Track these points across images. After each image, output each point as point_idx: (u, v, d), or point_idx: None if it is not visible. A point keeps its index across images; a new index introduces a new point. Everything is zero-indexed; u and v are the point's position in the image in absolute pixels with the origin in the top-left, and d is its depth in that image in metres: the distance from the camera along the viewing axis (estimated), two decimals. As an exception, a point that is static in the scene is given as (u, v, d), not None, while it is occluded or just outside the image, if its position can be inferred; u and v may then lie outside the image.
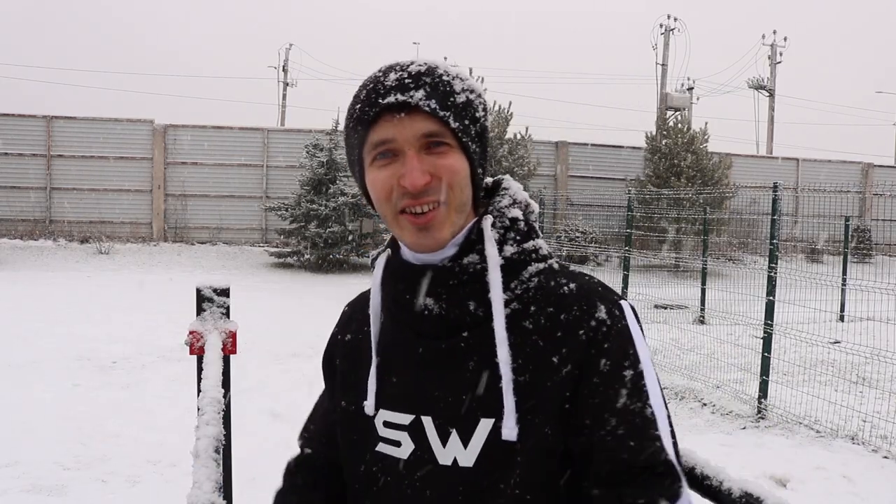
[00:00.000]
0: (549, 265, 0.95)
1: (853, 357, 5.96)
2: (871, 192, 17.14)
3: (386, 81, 0.88)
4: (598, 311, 0.88)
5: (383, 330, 0.98)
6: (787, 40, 30.00)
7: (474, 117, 0.91)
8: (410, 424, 0.93)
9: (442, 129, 0.88)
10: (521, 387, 0.86)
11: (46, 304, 9.95)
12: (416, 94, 0.87)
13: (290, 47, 34.86)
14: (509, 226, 0.94)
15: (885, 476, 4.35)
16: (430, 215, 0.88)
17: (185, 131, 17.41)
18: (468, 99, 0.91)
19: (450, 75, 0.90)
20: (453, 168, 0.88)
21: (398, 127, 0.87)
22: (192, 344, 2.48)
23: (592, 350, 0.86)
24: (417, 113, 0.87)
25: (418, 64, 0.90)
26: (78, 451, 4.35)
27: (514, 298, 0.91)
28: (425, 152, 0.88)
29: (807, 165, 20.70)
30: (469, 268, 0.91)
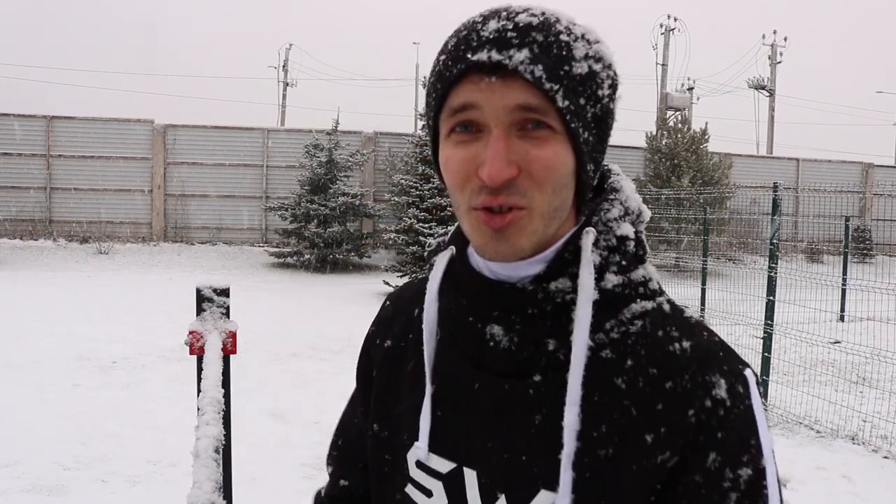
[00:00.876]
0: (658, 305, 0.73)
1: (853, 357, 5.96)
2: (871, 192, 17.14)
3: (483, 31, 0.66)
4: (716, 388, 0.67)
5: (437, 351, 0.78)
6: (787, 40, 30.04)
7: (595, 95, 0.68)
8: (449, 474, 0.75)
9: (545, 105, 0.65)
10: (594, 460, 0.67)
11: (46, 304, 9.94)
12: (517, 53, 0.65)
13: (290, 47, 34.90)
14: (616, 246, 0.72)
15: (886, 476, 4.35)
16: (510, 217, 0.67)
17: (185, 131, 17.41)
18: (591, 70, 0.68)
19: (572, 34, 0.68)
20: (551, 162, 0.66)
21: (486, 93, 0.66)
22: (192, 344, 2.49)
23: (702, 438, 0.66)
24: (515, 80, 0.65)
25: (532, 12, 0.67)
26: (78, 451, 4.35)
27: (607, 343, 0.70)
28: (518, 134, 0.67)
29: (807, 165, 20.70)
30: (556, 296, 0.70)
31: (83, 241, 16.45)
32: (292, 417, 5.16)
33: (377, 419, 0.84)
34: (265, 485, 3.91)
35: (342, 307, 10.61)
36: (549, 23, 0.67)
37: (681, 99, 24.47)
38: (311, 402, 5.48)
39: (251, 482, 3.82)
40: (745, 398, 0.68)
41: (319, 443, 4.59)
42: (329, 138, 15.80)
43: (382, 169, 17.20)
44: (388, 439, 0.82)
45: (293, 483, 3.94)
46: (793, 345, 6.72)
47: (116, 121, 17.23)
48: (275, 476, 4.04)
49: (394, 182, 15.25)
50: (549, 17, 0.68)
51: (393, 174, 15.72)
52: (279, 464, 4.21)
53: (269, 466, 4.15)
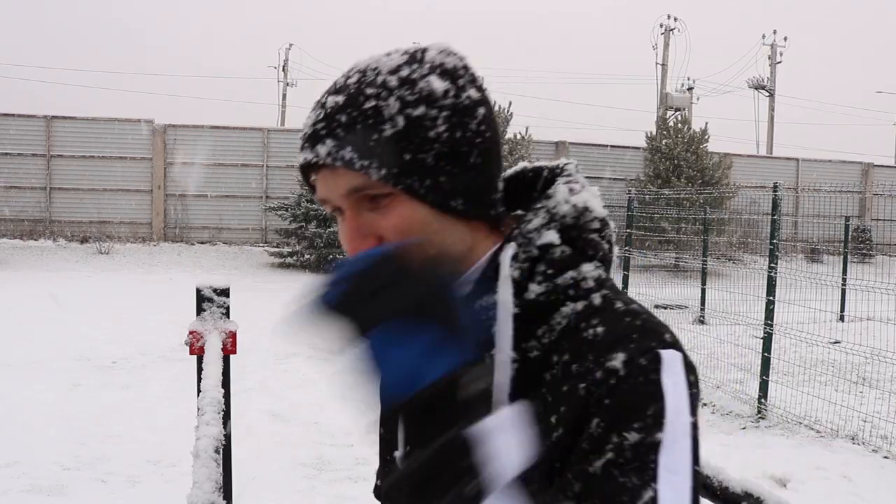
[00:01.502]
0: (589, 302, 0.71)
1: (853, 357, 5.96)
2: (871, 191, 17.14)
3: (306, 125, 0.72)
4: (611, 360, 0.65)
5: None
6: (787, 40, 30.05)
7: (425, 140, 0.68)
8: None
9: (370, 182, 0.68)
10: None
11: (46, 304, 9.94)
12: (321, 147, 0.68)
13: (290, 47, 34.91)
14: (538, 256, 0.71)
15: (886, 476, 4.35)
16: None
17: (185, 131, 17.41)
18: (411, 119, 0.68)
19: (385, 91, 0.68)
20: (398, 226, 0.69)
21: (324, 186, 0.71)
22: (192, 344, 2.49)
23: (591, 408, 0.64)
24: (338, 168, 0.68)
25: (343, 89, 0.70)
26: (78, 451, 4.35)
27: (538, 348, 0.70)
28: (368, 206, 0.70)
29: (807, 165, 20.71)
30: (482, 314, 0.70)
31: (83, 241, 16.45)
32: (292, 417, 5.17)
33: (382, 421, 0.86)
34: (265, 485, 3.91)
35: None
36: (358, 92, 0.68)
37: (681, 99, 24.48)
38: (311, 402, 5.48)
39: (251, 482, 3.82)
40: (650, 372, 0.64)
41: (319, 443, 4.60)
42: (329, 138, 15.79)
43: (382, 169, 17.20)
44: (390, 441, 0.83)
45: (293, 483, 3.95)
46: (793, 345, 6.72)
47: (116, 121, 17.23)
48: (275, 476, 4.04)
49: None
50: (361, 81, 0.69)
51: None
52: (279, 464, 4.21)
53: (269, 466, 4.15)
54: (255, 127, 17.94)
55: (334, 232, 14.92)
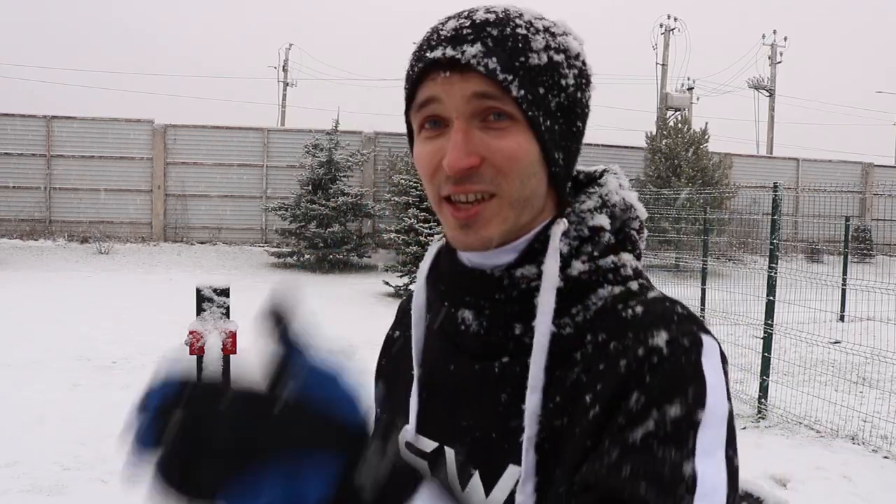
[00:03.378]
0: (626, 287, 0.73)
1: (853, 357, 5.96)
2: (872, 191, 17.14)
3: (442, 31, 0.70)
4: (653, 338, 0.65)
5: (426, 336, 0.81)
6: (787, 40, 30.03)
7: (558, 85, 0.70)
8: (432, 453, 0.77)
9: (501, 94, 0.67)
10: (550, 431, 0.68)
11: (46, 304, 9.94)
12: (470, 48, 0.67)
13: (290, 47, 34.90)
14: (588, 237, 0.73)
15: (885, 476, 4.35)
16: (475, 209, 0.70)
17: (185, 131, 17.41)
18: (552, 61, 0.69)
19: (531, 28, 0.69)
20: (511, 151, 0.68)
21: (445, 87, 0.68)
22: (193, 344, 2.49)
23: (631, 383, 0.63)
24: (471, 73, 0.67)
25: (490, 10, 0.70)
26: (78, 451, 4.35)
27: (571, 326, 0.71)
28: (480, 125, 0.69)
29: (807, 165, 20.70)
30: (521, 283, 0.72)
31: (83, 241, 16.45)
32: (292, 417, 5.16)
33: (380, 404, 0.87)
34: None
35: (342, 307, 10.60)
36: (508, 18, 0.69)
37: (681, 99, 24.47)
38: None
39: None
40: (692, 353, 0.64)
41: (319, 443, 4.59)
42: (329, 138, 15.80)
43: (382, 169, 17.20)
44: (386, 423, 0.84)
45: (293, 483, 3.94)
46: (793, 345, 6.72)
47: (116, 121, 17.23)
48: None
49: (394, 182, 15.24)
50: (510, 12, 0.70)
51: (393, 174, 15.72)
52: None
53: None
54: (256, 127, 17.93)
55: (334, 232, 14.92)
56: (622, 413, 0.62)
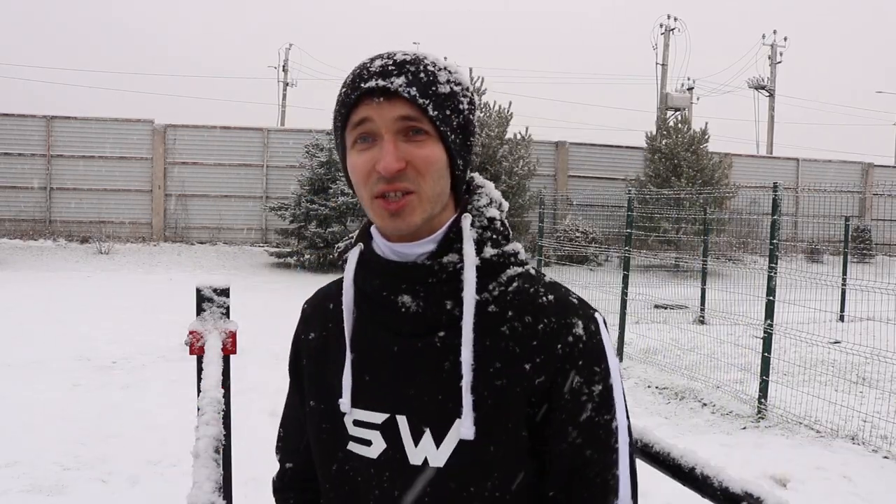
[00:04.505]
0: (526, 270, 0.96)
1: (853, 357, 5.96)
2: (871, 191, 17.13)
3: (371, 67, 0.89)
4: (575, 327, 0.90)
5: (355, 327, 0.96)
6: (787, 40, 30.04)
7: (457, 108, 0.90)
8: (384, 423, 0.92)
9: (419, 115, 0.87)
10: (491, 389, 0.88)
11: (46, 304, 9.95)
12: (396, 80, 0.87)
13: (290, 47, 34.91)
14: (487, 225, 0.94)
15: (885, 476, 4.35)
16: (403, 202, 0.88)
17: (185, 131, 17.42)
18: (452, 90, 0.90)
19: (436, 66, 0.90)
20: (429, 158, 0.88)
21: (377, 110, 0.87)
22: (192, 344, 2.49)
23: (567, 365, 0.88)
24: (397, 99, 0.86)
25: (405, 53, 0.91)
26: (78, 451, 4.35)
27: (491, 300, 0.91)
28: (403, 139, 0.87)
29: (807, 165, 20.71)
30: (448, 266, 0.90)
31: (83, 241, 16.46)
32: (292, 417, 5.16)
33: (312, 396, 1.01)
34: (265, 485, 3.90)
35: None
36: (419, 59, 0.90)
37: (681, 99, 24.48)
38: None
39: (251, 482, 3.81)
40: (597, 334, 0.91)
41: (319, 443, 4.59)
42: (329, 138, 15.79)
43: (382, 169, 17.19)
44: (324, 410, 0.98)
45: (293, 483, 3.94)
46: (793, 345, 6.73)
47: (116, 121, 17.23)
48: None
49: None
50: (419, 56, 0.91)
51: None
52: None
53: (270, 466, 4.14)
54: (256, 127, 17.94)
55: (334, 232, 14.93)
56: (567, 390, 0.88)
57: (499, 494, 0.88)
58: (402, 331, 0.92)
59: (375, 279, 0.94)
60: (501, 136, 16.51)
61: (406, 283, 0.91)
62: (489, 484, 0.88)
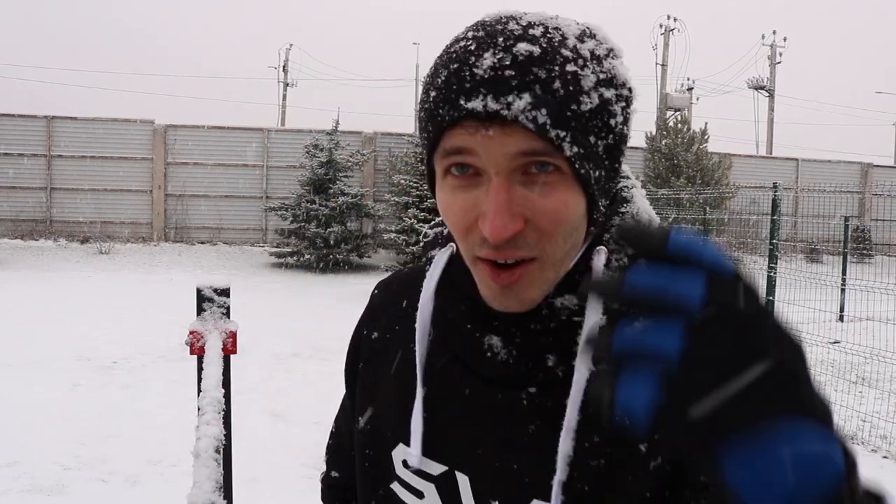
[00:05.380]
0: None
1: (852, 357, 5.96)
2: (871, 192, 17.15)
3: (476, 67, 0.58)
4: None
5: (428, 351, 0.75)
6: (786, 41, 30.08)
7: (607, 126, 0.60)
8: (440, 477, 0.73)
9: (550, 149, 0.58)
10: (589, 475, 0.65)
11: (47, 304, 9.95)
12: (517, 100, 0.57)
13: (291, 47, 34.98)
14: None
15: (885, 476, 4.35)
16: (518, 272, 0.63)
17: (186, 131, 17.42)
18: (602, 100, 0.59)
19: (580, 57, 0.59)
20: (559, 213, 0.61)
21: (483, 140, 0.59)
22: (193, 344, 2.49)
23: None
24: (516, 127, 0.57)
25: (533, 39, 0.58)
26: (78, 451, 4.36)
27: None
28: (522, 179, 0.60)
29: (806, 165, 20.71)
30: (561, 313, 0.66)
31: (83, 241, 16.46)
32: (292, 417, 5.17)
33: (363, 414, 0.82)
34: (265, 485, 3.92)
35: (342, 307, 10.61)
36: (554, 49, 0.58)
37: (680, 99, 24.50)
38: (312, 402, 5.49)
39: (251, 482, 3.82)
40: None
41: (319, 443, 4.59)
42: (329, 138, 15.81)
43: (382, 169, 17.20)
44: (371, 434, 0.80)
45: (293, 483, 3.95)
46: (792, 345, 6.71)
47: (117, 121, 17.23)
48: (275, 476, 4.05)
49: (394, 182, 15.26)
50: (553, 38, 0.59)
51: (393, 174, 15.73)
52: (279, 464, 4.21)
53: (270, 466, 4.15)
54: (256, 127, 17.94)
55: (335, 232, 14.92)
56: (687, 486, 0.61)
57: None
58: (481, 374, 0.71)
59: (462, 304, 0.71)
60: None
61: (500, 322, 0.68)
62: None
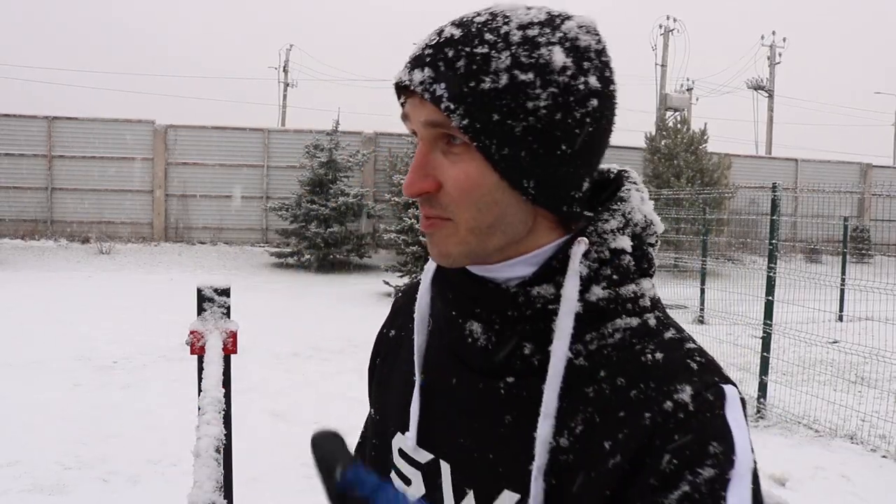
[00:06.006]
0: (643, 321, 0.69)
1: (852, 357, 5.97)
2: (870, 192, 17.14)
3: (418, 45, 0.67)
4: (678, 393, 0.62)
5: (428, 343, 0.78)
6: (785, 41, 30.08)
7: (522, 108, 0.63)
8: (427, 465, 0.75)
9: (447, 121, 0.64)
10: (559, 469, 0.65)
11: (47, 304, 9.96)
12: (419, 74, 0.64)
13: (291, 48, 34.99)
14: (608, 259, 0.68)
15: (884, 475, 4.36)
16: (433, 224, 0.68)
17: (186, 132, 17.42)
18: (515, 82, 0.62)
19: (504, 43, 0.63)
20: (460, 181, 0.65)
21: (410, 107, 0.68)
22: (193, 344, 2.50)
23: (657, 441, 0.61)
24: (424, 100, 0.65)
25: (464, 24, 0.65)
26: (79, 450, 4.37)
27: (583, 353, 0.67)
28: (443, 148, 0.66)
29: (806, 166, 20.71)
30: (537, 301, 0.67)
31: (84, 241, 16.47)
32: (293, 417, 5.18)
33: (374, 405, 0.87)
34: (266, 484, 3.93)
35: (343, 307, 10.62)
36: (476, 32, 0.64)
37: (680, 99, 24.48)
38: (312, 402, 5.50)
39: (252, 482, 3.83)
40: (717, 408, 0.62)
41: (319, 442, 4.60)
42: (329, 138, 15.81)
43: (382, 169, 17.21)
44: (379, 425, 0.84)
45: (293, 483, 3.96)
46: (792, 344, 6.73)
47: (117, 121, 17.24)
48: (275, 476, 4.05)
49: (394, 182, 15.26)
50: (488, 23, 0.64)
51: (393, 174, 15.73)
52: (280, 463, 4.22)
53: (270, 466, 4.16)
54: (256, 127, 17.94)
55: (335, 232, 14.94)
56: (652, 474, 0.60)
57: None
58: (467, 363, 0.73)
59: (449, 292, 0.74)
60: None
61: (481, 308, 0.70)
62: None
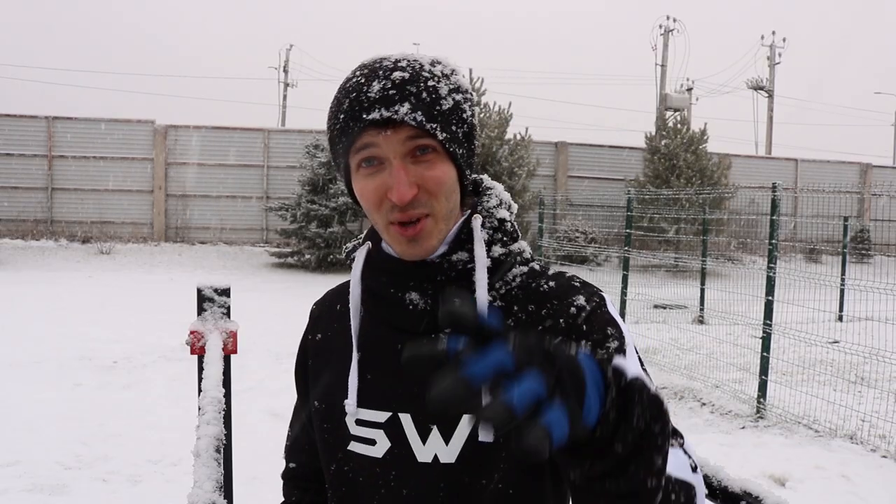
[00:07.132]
0: (531, 267, 0.96)
1: (852, 357, 5.97)
2: (870, 192, 17.14)
3: (370, 93, 0.84)
4: (576, 300, 0.89)
5: (361, 326, 0.97)
6: (785, 41, 30.07)
7: (462, 119, 0.88)
8: (387, 422, 0.92)
9: (428, 139, 0.85)
10: None
11: (48, 304, 9.96)
12: (400, 108, 0.83)
13: (291, 48, 34.97)
14: (497, 226, 0.94)
15: (884, 475, 4.36)
16: (419, 227, 0.87)
17: (186, 132, 17.43)
18: (455, 101, 0.87)
19: (436, 78, 0.86)
20: (440, 179, 0.86)
21: (383, 138, 0.84)
22: (193, 344, 2.50)
23: (573, 335, 0.86)
24: (403, 124, 0.83)
25: (402, 69, 0.85)
26: (79, 450, 4.37)
27: (497, 297, 0.92)
28: (412, 160, 0.85)
29: (805, 166, 20.71)
30: (458, 265, 0.90)
31: (84, 241, 16.47)
32: (292, 417, 5.18)
33: (317, 396, 1.03)
34: (266, 484, 3.92)
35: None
36: (418, 74, 0.85)
37: (680, 99, 24.48)
38: (312, 402, 5.49)
39: (252, 482, 3.83)
40: (601, 306, 0.89)
41: (320, 442, 4.60)
42: (329, 138, 15.81)
43: (382, 169, 17.21)
44: (327, 411, 0.99)
45: (293, 482, 3.96)
46: (791, 345, 6.73)
47: (117, 121, 17.25)
48: (275, 475, 4.04)
49: (394, 182, 15.25)
50: (416, 68, 0.86)
51: (393, 174, 15.73)
52: (280, 463, 4.22)
53: (270, 466, 4.15)
54: (256, 127, 17.95)
55: (335, 232, 14.94)
56: None
57: (514, 490, 0.87)
58: (408, 328, 0.91)
59: (384, 276, 0.93)
60: (501, 137, 16.50)
61: (415, 281, 0.91)
62: (504, 477, 0.87)
